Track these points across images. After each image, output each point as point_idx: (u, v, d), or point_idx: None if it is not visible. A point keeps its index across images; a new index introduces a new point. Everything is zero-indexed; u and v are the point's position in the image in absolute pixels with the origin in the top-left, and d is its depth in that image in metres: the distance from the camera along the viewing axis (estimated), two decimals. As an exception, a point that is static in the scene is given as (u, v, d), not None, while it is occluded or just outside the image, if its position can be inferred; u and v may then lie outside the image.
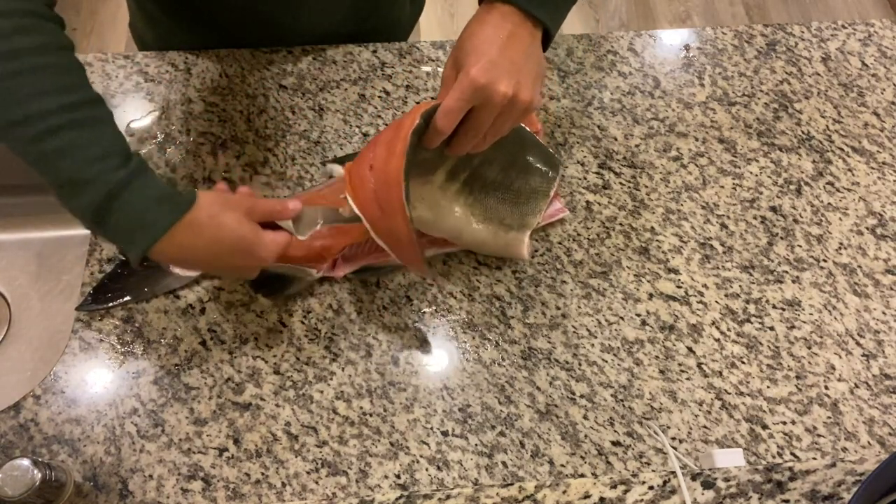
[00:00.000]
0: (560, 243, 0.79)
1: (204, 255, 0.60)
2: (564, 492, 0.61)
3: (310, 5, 0.87)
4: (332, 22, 0.91)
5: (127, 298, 0.74)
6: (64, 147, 0.53)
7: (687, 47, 0.95)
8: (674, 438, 0.69)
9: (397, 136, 0.60)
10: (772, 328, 0.76)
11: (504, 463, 0.68)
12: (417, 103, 0.88)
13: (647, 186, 0.84)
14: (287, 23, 0.89)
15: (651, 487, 0.61)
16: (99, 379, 0.70)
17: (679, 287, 0.77)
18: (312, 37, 0.92)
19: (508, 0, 0.60)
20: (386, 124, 0.86)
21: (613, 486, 0.62)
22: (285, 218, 0.67)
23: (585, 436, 0.69)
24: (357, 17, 0.93)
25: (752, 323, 0.76)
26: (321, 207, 0.70)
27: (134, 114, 0.85)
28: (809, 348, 0.75)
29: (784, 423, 0.70)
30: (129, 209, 0.56)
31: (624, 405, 0.71)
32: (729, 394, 0.72)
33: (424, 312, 0.75)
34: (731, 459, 0.64)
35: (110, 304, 0.73)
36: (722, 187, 0.84)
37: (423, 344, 0.73)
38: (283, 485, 0.66)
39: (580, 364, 0.73)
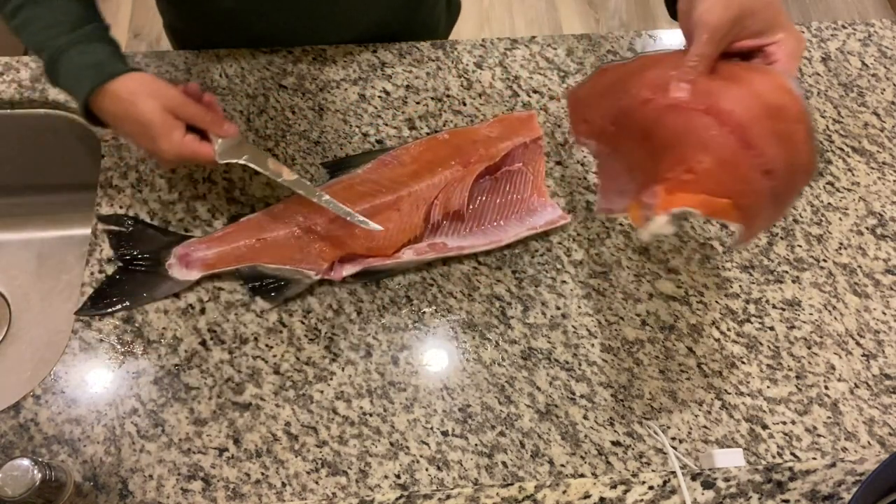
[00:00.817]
0: (560, 243, 0.79)
1: (120, 125, 0.69)
2: (564, 492, 0.61)
3: (350, 6, 0.88)
4: (370, 24, 0.92)
5: (126, 304, 0.73)
6: (24, 21, 0.66)
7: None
8: (674, 438, 0.69)
9: (793, 123, 0.50)
10: (772, 328, 0.76)
11: (504, 463, 0.68)
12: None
13: (647, 186, 0.84)
14: (323, 25, 0.90)
15: (651, 487, 0.61)
16: (99, 379, 0.70)
17: (679, 287, 0.77)
18: (351, 37, 0.92)
19: None
20: (386, 124, 0.86)
21: (613, 486, 0.62)
22: (212, 130, 0.70)
23: (585, 436, 0.69)
24: (396, 19, 0.93)
25: (752, 323, 0.76)
26: (249, 146, 0.73)
27: (134, 114, 0.85)
28: (809, 348, 0.75)
29: (784, 423, 0.70)
30: (67, 71, 0.67)
31: (624, 405, 0.71)
32: (729, 394, 0.72)
33: (424, 312, 0.75)
34: (731, 459, 0.64)
35: (109, 310, 0.73)
36: (722, 187, 0.84)
37: (423, 344, 0.73)
38: (283, 485, 0.66)
39: (580, 364, 0.73)
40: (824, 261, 0.80)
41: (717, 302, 0.77)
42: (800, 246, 0.81)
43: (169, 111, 0.67)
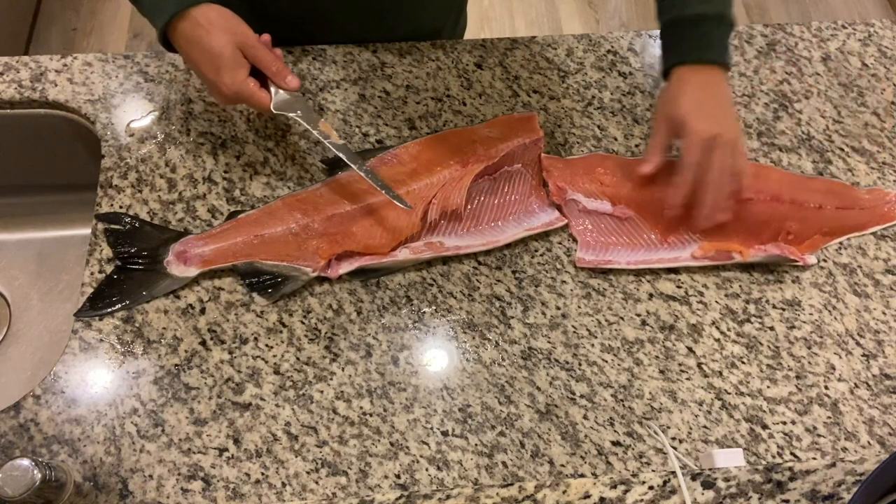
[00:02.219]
0: (560, 243, 0.80)
1: (189, 51, 0.70)
2: (564, 492, 0.61)
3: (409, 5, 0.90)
4: (422, 23, 0.94)
5: (125, 303, 0.74)
6: None
7: (687, 47, 0.95)
8: (674, 438, 0.69)
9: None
10: (772, 328, 0.76)
11: (504, 463, 0.68)
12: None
13: (647, 186, 0.84)
14: (374, 23, 0.91)
15: (651, 487, 0.61)
16: (99, 379, 0.70)
17: (679, 287, 0.77)
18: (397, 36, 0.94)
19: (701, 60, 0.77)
20: (386, 124, 0.86)
21: (613, 486, 0.62)
22: (275, 80, 0.72)
23: (585, 436, 0.69)
24: (442, 18, 0.95)
25: (752, 323, 0.76)
26: (304, 103, 0.74)
27: (134, 114, 0.85)
28: (809, 348, 0.75)
29: (784, 423, 0.70)
30: None
31: (624, 405, 0.71)
32: (729, 394, 0.72)
33: (424, 312, 0.75)
34: (731, 459, 0.64)
35: (109, 310, 0.73)
36: (722, 187, 0.84)
37: (423, 344, 0.73)
38: (283, 485, 0.66)
39: (580, 364, 0.73)
40: (824, 261, 0.80)
41: (717, 302, 0.77)
42: (800, 246, 0.81)
43: (240, 48, 0.69)
